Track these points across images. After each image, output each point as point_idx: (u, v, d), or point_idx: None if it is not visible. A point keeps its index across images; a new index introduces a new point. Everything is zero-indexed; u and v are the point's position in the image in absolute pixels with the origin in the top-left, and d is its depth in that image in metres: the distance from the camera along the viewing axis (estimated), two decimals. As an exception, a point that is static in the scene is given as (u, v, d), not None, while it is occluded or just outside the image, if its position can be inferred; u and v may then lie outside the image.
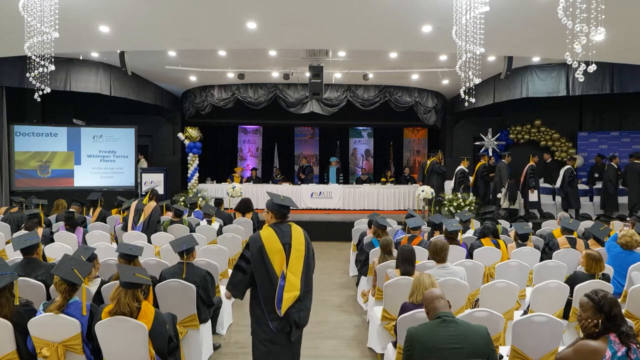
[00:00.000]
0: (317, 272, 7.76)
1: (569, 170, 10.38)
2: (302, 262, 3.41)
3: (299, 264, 3.39)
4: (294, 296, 3.33)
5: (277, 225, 3.47)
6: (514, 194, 10.51)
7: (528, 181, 10.32)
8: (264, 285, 3.36)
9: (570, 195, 10.33)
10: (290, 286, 3.33)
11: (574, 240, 5.77)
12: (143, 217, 6.80)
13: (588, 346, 2.59)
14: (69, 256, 3.50)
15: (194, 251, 4.40)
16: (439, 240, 4.40)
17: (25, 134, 10.94)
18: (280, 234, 3.41)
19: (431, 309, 2.80)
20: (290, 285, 3.33)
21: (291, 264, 3.36)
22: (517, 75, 10.05)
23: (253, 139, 16.43)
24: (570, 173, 10.34)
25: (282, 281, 3.33)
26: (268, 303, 3.35)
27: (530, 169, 10.41)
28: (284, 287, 3.32)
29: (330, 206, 12.33)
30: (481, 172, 11.15)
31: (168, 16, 6.73)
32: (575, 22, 3.87)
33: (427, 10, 6.32)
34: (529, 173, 10.36)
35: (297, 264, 3.38)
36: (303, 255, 3.42)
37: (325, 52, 9.58)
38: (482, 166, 11.24)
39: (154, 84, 12.14)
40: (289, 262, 3.36)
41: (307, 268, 3.44)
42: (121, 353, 3.08)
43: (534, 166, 10.47)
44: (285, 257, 3.36)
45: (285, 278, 3.33)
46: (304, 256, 3.43)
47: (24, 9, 5.18)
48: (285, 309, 3.32)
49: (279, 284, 3.32)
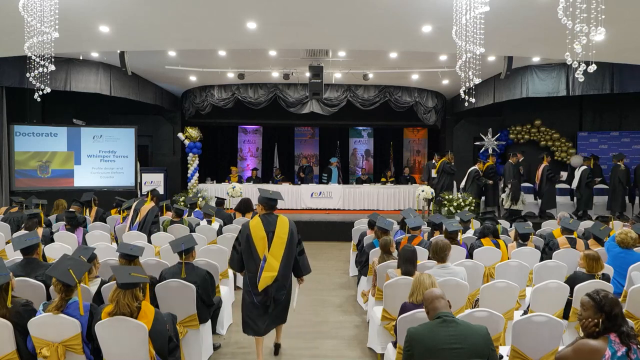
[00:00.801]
0: (317, 272, 7.83)
1: (587, 171, 10.32)
2: (284, 248, 4.05)
3: (280, 249, 4.03)
4: (271, 276, 3.97)
5: (264, 215, 4.13)
6: (517, 195, 10.52)
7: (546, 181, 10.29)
8: (249, 266, 4.08)
9: (586, 197, 10.28)
10: (269, 267, 3.98)
11: (574, 240, 5.77)
12: (139, 217, 6.79)
13: (588, 346, 2.59)
14: (67, 256, 3.50)
15: (193, 251, 4.40)
16: (440, 240, 4.40)
17: (25, 134, 10.94)
18: (266, 223, 4.07)
19: (431, 309, 2.80)
20: (269, 267, 3.97)
21: (273, 248, 4.01)
22: (517, 75, 10.05)
23: (253, 139, 16.43)
24: (587, 174, 10.29)
25: (263, 263, 3.98)
26: (252, 281, 4.06)
27: (547, 169, 10.41)
28: (264, 268, 3.97)
29: (330, 206, 12.33)
30: (488, 172, 11.13)
31: (168, 16, 6.73)
32: (575, 22, 3.87)
33: (427, 10, 6.32)
34: (547, 172, 10.35)
35: (278, 249, 4.03)
36: (285, 242, 4.06)
37: (325, 52, 9.58)
38: (489, 167, 11.22)
39: (154, 84, 12.13)
40: (270, 247, 4.02)
41: (288, 253, 4.07)
42: (121, 353, 3.08)
43: (549, 166, 10.47)
44: (268, 243, 4.01)
45: (266, 260, 3.98)
46: (286, 243, 4.06)
47: (24, 9, 5.18)
48: (263, 286, 3.98)
49: (260, 265, 3.97)
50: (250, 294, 4.10)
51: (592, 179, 10.40)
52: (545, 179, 10.41)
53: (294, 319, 5.45)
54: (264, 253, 4.00)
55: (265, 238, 4.02)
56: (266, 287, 4.00)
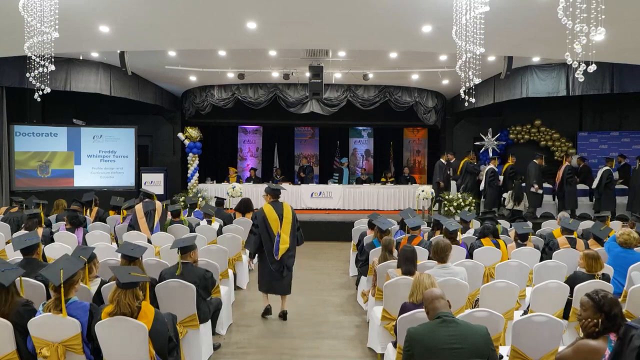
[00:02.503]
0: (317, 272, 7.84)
1: (607, 172, 10.30)
2: (290, 226, 5.40)
3: (288, 227, 5.38)
4: (285, 247, 5.35)
5: (273, 202, 5.47)
6: (520, 195, 10.51)
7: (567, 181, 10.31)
8: (266, 242, 5.35)
9: (605, 197, 10.25)
10: (283, 241, 5.34)
11: (574, 240, 5.77)
12: (157, 216, 6.83)
13: (587, 346, 2.59)
14: (66, 256, 3.50)
15: (193, 251, 4.39)
16: (441, 240, 4.40)
17: (25, 134, 10.94)
18: (276, 209, 5.41)
19: (431, 309, 2.80)
20: (283, 241, 5.34)
21: (283, 227, 5.36)
22: (517, 75, 10.05)
23: (253, 139, 16.43)
24: (608, 175, 10.26)
25: (278, 238, 5.33)
26: (270, 254, 5.34)
27: (568, 169, 10.41)
28: (279, 242, 5.32)
29: (330, 206, 12.33)
30: (509, 173, 11.06)
31: (168, 16, 6.73)
32: (575, 22, 3.87)
33: (427, 10, 6.32)
34: (567, 173, 10.35)
35: (287, 227, 5.38)
36: (291, 222, 5.42)
37: (325, 52, 9.58)
38: (510, 167, 11.14)
39: (154, 84, 12.14)
40: (282, 226, 5.35)
41: (293, 230, 5.43)
42: (121, 353, 3.08)
43: (570, 166, 10.49)
44: (280, 223, 5.35)
45: (280, 236, 5.33)
46: (291, 223, 5.43)
47: (24, 9, 5.18)
48: (281, 254, 5.33)
49: (276, 240, 5.32)
50: (267, 265, 5.37)
51: (612, 180, 10.34)
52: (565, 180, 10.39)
53: (294, 319, 5.47)
54: (278, 231, 5.32)
55: (278, 220, 5.34)
56: (282, 256, 5.32)
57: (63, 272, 3.11)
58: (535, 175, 10.60)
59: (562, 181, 10.49)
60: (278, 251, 5.30)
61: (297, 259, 5.70)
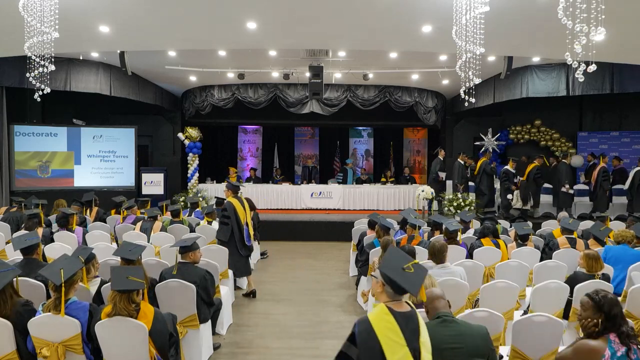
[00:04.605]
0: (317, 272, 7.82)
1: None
2: (251, 215, 6.61)
3: (249, 217, 6.49)
4: (252, 233, 6.47)
5: (235, 197, 6.44)
6: (527, 195, 10.47)
7: (602, 184, 10.30)
8: (236, 232, 6.28)
9: (637, 198, 10.17)
10: (249, 228, 6.41)
11: (574, 240, 5.77)
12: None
13: (587, 346, 2.59)
14: (66, 256, 3.50)
15: (195, 252, 4.39)
16: (437, 242, 4.40)
17: (25, 134, 10.94)
18: (239, 202, 6.39)
19: (431, 309, 2.80)
20: (249, 228, 6.41)
21: (247, 217, 6.40)
22: (517, 75, 10.05)
23: (253, 139, 16.43)
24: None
25: (246, 227, 6.36)
26: (240, 240, 6.29)
27: (603, 170, 10.39)
28: (248, 230, 6.37)
29: (330, 206, 12.31)
30: (534, 174, 10.94)
31: (168, 16, 6.73)
32: (575, 22, 3.87)
33: (427, 10, 6.31)
34: (602, 175, 10.33)
35: (249, 217, 6.48)
36: (249, 211, 6.52)
37: (325, 52, 9.57)
38: (536, 168, 10.97)
39: (154, 84, 12.13)
40: (246, 216, 6.38)
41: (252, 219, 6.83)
42: (121, 353, 3.09)
43: (605, 167, 10.46)
44: (245, 213, 6.35)
45: (247, 224, 6.39)
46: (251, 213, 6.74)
47: (24, 9, 5.18)
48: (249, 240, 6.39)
49: (245, 229, 6.33)
50: (238, 252, 6.25)
51: None
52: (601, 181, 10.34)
53: (294, 319, 5.47)
54: (245, 220, 6.36)
55: (243, 210, 6.36)
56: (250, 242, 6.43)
57: (63, 272, 3.11)
58: (567, 175, 10.56)
59: (597, 182, 10.45)
60: (249, 237, 6.35)
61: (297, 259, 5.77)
